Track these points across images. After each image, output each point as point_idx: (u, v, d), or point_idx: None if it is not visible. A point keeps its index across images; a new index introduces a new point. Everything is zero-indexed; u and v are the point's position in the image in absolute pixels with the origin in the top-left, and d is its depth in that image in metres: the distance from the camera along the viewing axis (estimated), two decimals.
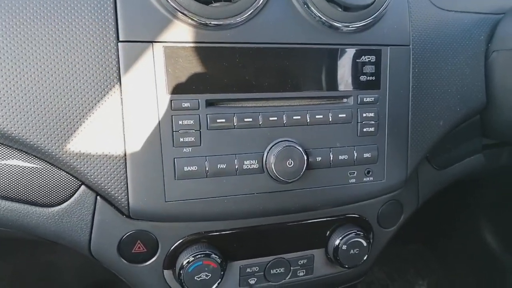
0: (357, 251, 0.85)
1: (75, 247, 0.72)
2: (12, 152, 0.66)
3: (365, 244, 0.85)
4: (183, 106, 0.67)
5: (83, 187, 0.68)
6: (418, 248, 1.92)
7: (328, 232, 0.86)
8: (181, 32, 0.66)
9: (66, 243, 0.71)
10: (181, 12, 0.64)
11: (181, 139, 0.67)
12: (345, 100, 0.77)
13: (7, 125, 0.62)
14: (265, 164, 0.71)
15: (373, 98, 0.77)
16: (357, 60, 0.75)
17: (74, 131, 0.64)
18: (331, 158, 0.75)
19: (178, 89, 0.66)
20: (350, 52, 0.75)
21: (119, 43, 0.64)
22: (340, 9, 0.72)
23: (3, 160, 0.65)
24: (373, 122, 0.77)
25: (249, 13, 0.68)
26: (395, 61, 0.77)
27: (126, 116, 0.65)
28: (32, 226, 0.69)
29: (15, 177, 0.66)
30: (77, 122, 0.64)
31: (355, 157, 0.77)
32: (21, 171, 0.66)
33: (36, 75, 0.62)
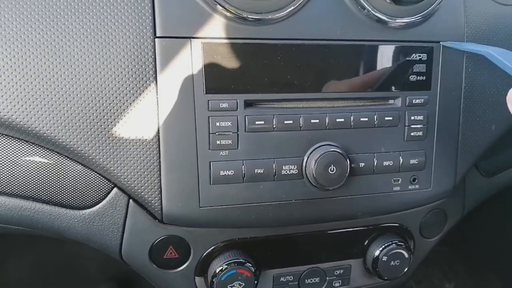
0: (397, 262, 0.80)
1: (106, 251, 0.70)
2: (44, 152, 0.63)
3: (406, 255, 0.80)
4: (220, 106, 0.63)
5: (115, 189, 0.65)
6: (444, 250, 1.85)
7: (366, 242, 0.81)
8: (220, 27, 0.62)
9: (96, 246, 0.69)
10: (221, 6, 0.60)
11: (218, 142, 0.63)
12: (392, 101, 0.71)
13: (39, 124, 0.59)
14: (305, 169, 0.67)
15: (422, 100, 0.71)
16: (407, 58, 0.70)
17: (108, 131, 0.61)
18: (375, 164, 0.70)
19: (216, 89, 0.63)
20: (400, 49, 0.69)
21: (156, 39, 0.60)
22: (390, 2, 0.67)
23: (34, 158, 0.63)
24: (421, 126, 0.72)
25: (293, 7, 0.63)
26: (448, 60, 0.71)
27: (162, 116, 0.62)
28: (63, 229, 0.67)
29: (46, 177, 0.64)
30: (110, 122, 0.61)
31: (400, 163, 0.71)
32: (52, 171, 0.64)
33: (70, 72, 0.59)
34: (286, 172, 0.67)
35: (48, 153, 0.63)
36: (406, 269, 0.81)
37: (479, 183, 0.89)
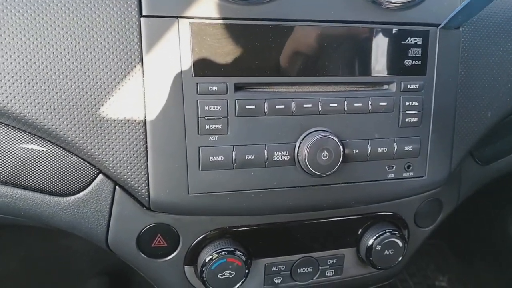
0: (391, 251, 0.78)
1: (91, 239, 0.68)
2: (25, 136, 0.61)
3: (401, 244, 0.78)
4: (210, 90, 0.61)
5: (101, 175, 0.63)
6: (437, 243, 1.85)
7: (360, 231, 0.79)
8: (209, 7, 0.59)
9: (81, 234, 0.67)
10: None
11: (207, 126, 0.61)
12: (386, 86, 0.69)
13: (19, 106, 0.57)
14: (297, 155, 0.65)
15: (418, 85, 0.69)
16: (402, 42, 0.68)
17: (92, 114, 0.59)
18: (369, 151, 0.68)
19: (204, 71, 0.60)
20: (395, 32, 0.67)
21: (141, 18, 0.58)
22: None
23: (15, 144, 0.60)
24: (416, 112, 0.70)
25: None
26: (444, 44, 0.69)
27: (148, 100, 0.59)
28: (46, 216, 0.65)
29: (28, 163, 0.61)
30: (94, 104, 0.59)
31: (395, 150, 0.70)
32: (35, 157, 0.61)
33: (51, 52, 0.57)
34: (278, 158, 0.65)
35: (28, 136, 0.61)
36: (400, 259, 0.80)
37: (474, 171, 0.87)
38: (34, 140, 0.61)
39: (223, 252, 0.68)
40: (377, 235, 0.77)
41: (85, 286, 1.45)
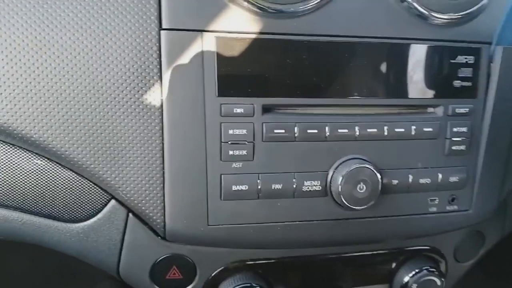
0: None
1: (102, 268, 0.62)
2: (34, 158, 0.56)
3: (439, 283, 0.71)
4: (235, 112, 0.54)
5: (113, 201, 0.58)
6: None
7: (393, 266, 0.72)
8: (237, 20, 0.53)
9: (91, 262, 0.62)
10: None
11: (231, 152, 0.55)
12: (432, 110, 0.62)
13: (25, 126, 0.52)
14: (330, 186, 0.58)
15: (467, 109, 0.62)
16: (451, 61, 0.60)
17: (105, 136, 0.53)
18: (410, 181, 0.61)
19: (230, 91, 0.54)
20: (443, 49, 0.60)
21: (161, 32, 0.52)
22: None
23: (21, 165, 0.55)
24: (464, 139, 0.62)
25: None
26: (504, 64, 0.61)
27: (166, 121, 0.54)
28: (53, 243, 0.60)
29: (35, 186, 0.56)
30: (108, 126, 0.53)
31: (439, 181, 0.62)
32: (42, 179, 0.56)
33: (61, 68, 0.51)
34: (308, 188, 0.58)
35: (37, 159, 0.56)
36: None
37: None
38: (43, 163, 0.56)
39: None
40: (413, 273, 0.70)
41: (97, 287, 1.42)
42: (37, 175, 0.56)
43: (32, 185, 0.56)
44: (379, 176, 0.58)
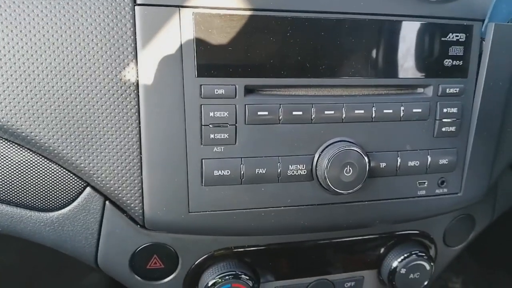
0: (417, 275, 0.70)
1: (80, 258, 0.60)
2: (4, 145, 0.53)
3: (428, 267, 0.70)
4: (216, 93, 0.52)
5: (88, 189, 0.55)
6: None
7: (382, 250, 0.71)
8: None
9: (68, 252, 0.59)
10: None
11: (212, 136, 0.53)
12: (421, 90, 0.60)
13: None
14: (316, 170, 0.56)
15: (458, 89, 0.60)
16: (442, 39, 0.58)
17: (77, 120, 0.50)
18: (399, 164, 0.59)
19: (210, 71, 0.51)
20: (433, 27, 0.57)
21: (136, 7, 0.49)
22: None
23: None
24: (455, 120, 0.61)
25: None
26: (497, 41, 0.58)
27: (143, 104, 0.51)
28: (27, 234, 0.57)
29: (6, 174, 0.54)
30: (80, 108, 0.50)
31: (428, 163, 0.61)
32: (13, 167, 0.53)
33: (29, 47, 0.48)
34: (293, 172, 0.56)
35: (7, 145, 0.53)
36: (426, 283, 0.71)
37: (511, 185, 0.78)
38: (12, 148, 0.53)
39: (227, 276, 0.60)
40: (402, 257, 0.69)
41: (86, 279, 1.40)
42: (6, 162, 0.53)
43: (2, 173, 0.53)
44: (366, 159, 0.56)
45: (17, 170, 0.53)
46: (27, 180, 0.54)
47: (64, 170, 0.54)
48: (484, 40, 0.59)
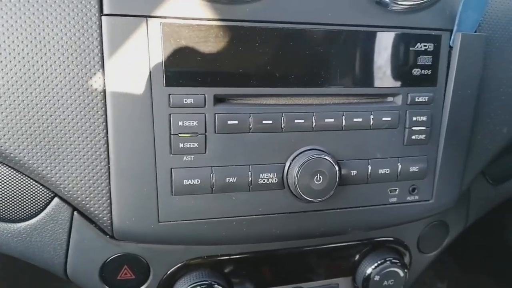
0: (391, 282, 0.70)
1: (48, 269, 0.59)
2: None
3: (401, 274, 0.70)
4: (184, 102, 0.52)
5: (56, 199, 0.55)
6: None
7: (356, 258, 0.71)
8: (184, 5, 0.50)
9: (36, 264, 0.58)
10: None
11: (181, 145, 0.53)
12: (391, 99, 0.61)
13: None
14: (287, 178, 0.57)
15: (427, 98, 0.61)
16: (410, 48, 0.59)
17: (43, 130, 0.50)
18: (369, 172, 0.60)
19: (178, 80, 0.51)
20: (402, 37, 0.58)
21: (103, 17, 0.49)
22: None
23: None
24: (424, 128, 0.62)
25: None
26: (464, 50, 0.60)
27: (111, 114, 0.51)
28: None
29: None
30: (46, 118, 0.50)
31: (398, 171, 0.61)
32: None
33: None
34: (264, 181, 0.56)
35: None
36: None
37: (485, 191, 0.79)
38: None
39: (199, 286, 0.60)
40: (376, 264, 0.69)
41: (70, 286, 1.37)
42: None
43: None
44: (336, 167, 0.56)
45: None
46: None
47: (31, 180, 0.53)
48: (452, 49, 0.60)
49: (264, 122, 0.55)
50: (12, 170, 0.52)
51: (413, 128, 0.61)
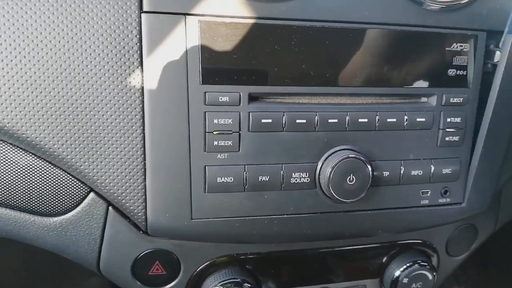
0: (420, 285, 0.69)
1: (82, 263, 0.60)
2: (7, 149, 0.53)
3: (430, 277, 0.69)
4: (220, 100, 0.52)
5: (92, 194, 0.55)
6: None
7: (385, 259, 0.71)
8: (223, 3, 0.50)
9: (70, 257, 0.59)
10: None
11: (215, 143, 0.53)
12: (425, 99, 0.60)
13: None
14: (319, 178, 0.56)
15: (462, 99, 0.60)
16: (446, 48, 0.58)
17: (82, 125, 0.51)
18: (402, 173, 0.59)
19: (214, 78, 0.52)
20: (437, 36, 0.58)
21: (142, 14, 0.49)
22: None
23: None
24: (458, 129, 0.61)
25: None
26: (511, 53, 0.58)
27: (148, 110, 0.51)
28: (30, 238, 0.57)
29: (10, 178, 0.54)
30: (85, 114, 0.50)
31: (431, 173, 0.60)
32: (16, 171, 0.53)
33: (35, 53, 0.48)
34: (296, 180, 0.56)
35: (11, 149, 0.53)
36: None
37: None
38: (17, 153, 0.53)
39: (229, 284, 0.60)
40: (404, 267, 0.68)
41: (87, 283, 1.39)
42: (11, 167, 0.53)
43: (6, 177, 0.53)
44: (369, 167, 0.56)
45: (21, 175, 0.54)
46: (31, 185, 0.54)
47: (68, 175, 0.54)
48: (501, 51, 0.59)
49: (297, 121, 0.55)
50: (50, 165, 0.53)
51: (447, 130, 0.60)
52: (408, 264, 0.68)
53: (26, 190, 0.54)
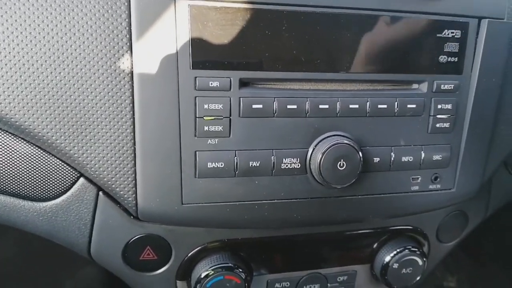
0: (410, 270, 0.70)
1: (72, 248, 0.60)
2: None
3: (420, 263, 0.70)
4: (210, 85, 0.52)
5: (82, 179, 0.55)
6: None
7: (375, 245, 0.71)
8: None
9: (61, 243, 0.60)
10: None
11: (206, 128, 0.53)
12: (416, 86, 0.60)
13: None
14: (309, 163, 0.56)
15: (452, 86, 0.60)
16: (437, 35, 0.58)
17: (71, 110, 0.50)
18: (392, 159, 0.60)
19: (205, 63, 0.51)
20: (429, 23, 0.57)
21: None
22: None
23: None
24: (449, 116, 0.61)
25: None
26: (490, 39, 0.59)
27: (137, 95, 0.51)
28: (20, 223, 0.57)
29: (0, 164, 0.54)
30: (74, 98, 0.50)
31: (422, 159, 0.61)
32: (7, 157, 0.53)
33: (24, 36, 0.48)
34: (287, 166, 0.56)
35: (0, 135, 0.52)
36: (418, 278, 0.71)
37: (506, 182, 0.78)
38: (6, 138, 0.53)
39: (220, 268, 0.61)
40: (395, 252, 0.69)
41: (83, 271, 1.40)
42: (0, 152, 0.53)
43: None
44: (360, 153, 0.56)
45: (10, 160, 0.53)
46: (20, 170, 0.54)
47: (58, 160, 0.54)
48: (478, 36, 0.59)
49: (288, 106, 0.55)
50: (39, 150, 0.53)
51: (438, 116, 0.60)
52: (398, 250, 0.69)
53: (15, 175, 0.54)
